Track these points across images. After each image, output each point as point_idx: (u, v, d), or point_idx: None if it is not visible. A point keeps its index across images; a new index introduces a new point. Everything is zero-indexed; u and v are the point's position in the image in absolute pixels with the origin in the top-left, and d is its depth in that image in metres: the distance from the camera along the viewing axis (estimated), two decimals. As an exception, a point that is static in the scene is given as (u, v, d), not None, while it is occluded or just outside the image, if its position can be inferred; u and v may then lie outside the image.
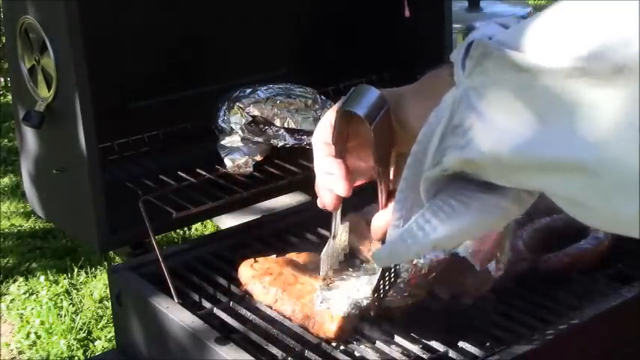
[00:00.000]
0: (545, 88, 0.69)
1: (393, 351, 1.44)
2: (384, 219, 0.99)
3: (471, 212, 0.81)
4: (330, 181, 1.00)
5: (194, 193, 1.78)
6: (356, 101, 0.95)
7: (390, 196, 0.99)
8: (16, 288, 3.47)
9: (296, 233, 1.85)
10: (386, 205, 1.00)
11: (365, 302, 1.41)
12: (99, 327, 3.19)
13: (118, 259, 2.99)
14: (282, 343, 1.46)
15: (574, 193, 0.71)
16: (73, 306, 3.31)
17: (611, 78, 0.65)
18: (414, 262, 1.42)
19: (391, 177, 1.00)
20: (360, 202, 1.90)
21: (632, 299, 1.55)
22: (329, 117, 1.01)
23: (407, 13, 2.29)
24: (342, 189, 1.00)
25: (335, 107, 1.00)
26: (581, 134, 0.68)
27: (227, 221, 2.38)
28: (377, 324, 1.50)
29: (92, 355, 3.02)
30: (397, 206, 0.88)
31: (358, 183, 1.04)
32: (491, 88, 0.74)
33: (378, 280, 1.10)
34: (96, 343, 3.11)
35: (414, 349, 1.44)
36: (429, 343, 1.46)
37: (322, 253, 1.18)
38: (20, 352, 3.11)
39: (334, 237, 1.13)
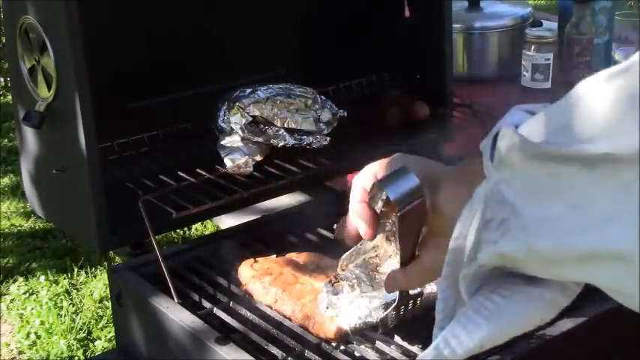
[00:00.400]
0: (572, 176, 0.69)
1: (393, 351, 1.44)
2: (399, 281, 1.01)
3: (516, 307, 0.79)
4: (358, 224, 1.03)
5: (194, 193, 1.78)
6: (393, 182, 0.96)
7: (412, 259, 0.99)
8: (16, 288, 3.47)
9: (296, 233, 1.85)
10: (404, 265, 1.00)
11: (374, 320, 1.40)
12: (99, 327, 3.19)
13: (118, 259, 2.99)
14: (282, 343, 1.46)
15: (613, 282, 0.71)
16: (73, 306, 3.31)
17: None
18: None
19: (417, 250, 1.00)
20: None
21: (632, 299, 1.54)
22: (374, 167, 1.03)
23: (407, 13, 2.29)
24: (366, 234, 1.03)
25: (380, 167, 1.02)
26: (615, 222, 0.67)
27: (227, 221, 2.38)
28: (377, 324, 1.50)
29: (92, 355, 3.02)
30: (440, 306, 0.87)
31: None
32: (520, 179, 0.74)
33: (398, 305, 1.11)
34: (96, 343, 3.11)
35: (414, 349, 1.44)
36: (429, 343, 1.45)
37: (342, 256, 1.17)
38: (20, 352, 3.11)
39: (360, 248, 1.12)
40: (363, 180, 1.03)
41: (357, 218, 1.02)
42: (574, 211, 0.69)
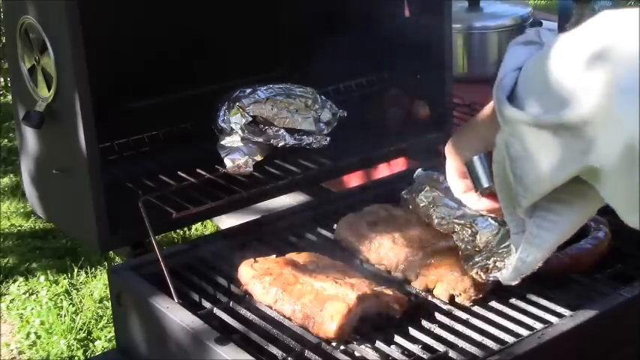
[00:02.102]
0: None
1: (393, 351, 1.44)
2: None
3: (574, 211, 0.98)
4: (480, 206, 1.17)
5: (194, 193, 1.78)
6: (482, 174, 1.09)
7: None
8: (16, 288, 3.47)
9: (296, 233, 1.85)
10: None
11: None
12: (99, 327, 3.19)
13: (118, 259, 2.99)
14: (282, 343, 1.46)
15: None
16: (73, 306, 3.31)
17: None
18: None
19: None
20: (360, 202, 1.91)
21: (632, 299, 1.55)
22: (456, 163, 1.15)
23: (407, 13, 2.29)
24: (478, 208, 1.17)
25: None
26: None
27: (227, 221, 2.38)
28: (377, 324, 1.50)
29: (92, 355, 3.02)
30: (509, 218, 1.06)
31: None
32: (519, 136, 0.92)
33: None
34: (96, 343, 3.11)
35: (414, 349, 1.44)
36: (429, 343, 1.46)
37: None
38: (20, 352, 3.12)
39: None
40: (455, 168, 1.16)
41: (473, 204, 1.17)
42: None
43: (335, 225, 1.81)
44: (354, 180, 2.54)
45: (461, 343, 1.44)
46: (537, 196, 0.95)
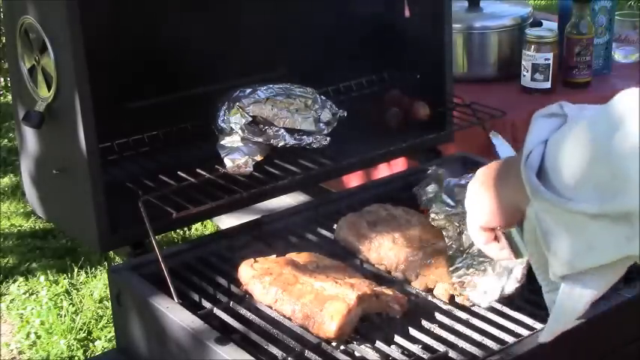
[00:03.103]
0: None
1: (393, 351, 1.44)
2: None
3: (606, 275, 0.99)
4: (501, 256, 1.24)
5: (194, 193, 1.78)
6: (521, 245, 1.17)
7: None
8: (16, 288, 3.47)
9: (296, 233, 1.85)
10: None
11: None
12: (99, 327, 3.19)
13: (118, 259, 2.99)
14: (282, 343, 1.46)
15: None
16: (73, 306, 3.31)
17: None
18: None
19: None
20: (360, 202, 1.91)
21: (632, 299, 1.55)
22: (478, 219, 1.19)
23: (407, 13, 2.29)
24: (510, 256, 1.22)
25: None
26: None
27: (227, 221, 2.38)
28: (377, 324, 1.50)
29: (92, 355, 3.02)
30: (540, 277, 1.10)
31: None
32: (552, 214, 0.95)
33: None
34: (96, 343, 3.11)
35: (414, 349, 1.44)
36: (429, 343, 1.46)
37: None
38: (20, 352, 3.11)
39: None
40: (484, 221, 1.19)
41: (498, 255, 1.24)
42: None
43: (335, 225, 1.81)
44: (354, 180, 2.54)
45: (461, 343, 1.44)
46: (574, 270, 0.96)
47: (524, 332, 1.47)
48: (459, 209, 1.63)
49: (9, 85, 2.92)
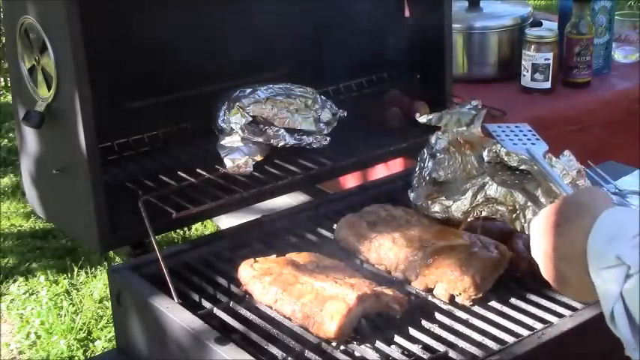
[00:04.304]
0: None
1: (393, 351, 1.44)
2: None
3: None
4: None
5: (194, 193, 1.78)
6: None
7: None
8: (16, 288, 3.47)
9: (296, 233, 1.85)
10: None
11: None
12: (99, 327, 3.19)
13: (118, 259, 2.99)
14: (282, 343, 1.46)
15: None
16: (73, 306, 3.31)
17: None
18: None
19: None
20: (359, 202, 1.91)
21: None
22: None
23: (407, 13, 2.29)
24: None
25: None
26: None
27: (227, 221, 2.38)
28: (377, 324, 1.50)
29: (92, 355, 3.02)
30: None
31: None
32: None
33: None
34: (96, 343, 3.11)
35: (414, 349, 1.44)
36: (429, 343, 1.46)
37: None
38: (20, 352, 3.11)
39: None
40: None
41: None
42: None
43: (335, 225, 1.81)
44: (352, 180, 2.54)
45: (461, 343, 1.44)
46: None
47: (524, 332, 1.47)
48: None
49: (9, 85, 2.92)
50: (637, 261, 0.93)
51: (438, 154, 1.80)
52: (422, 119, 1.89)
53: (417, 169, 1.85)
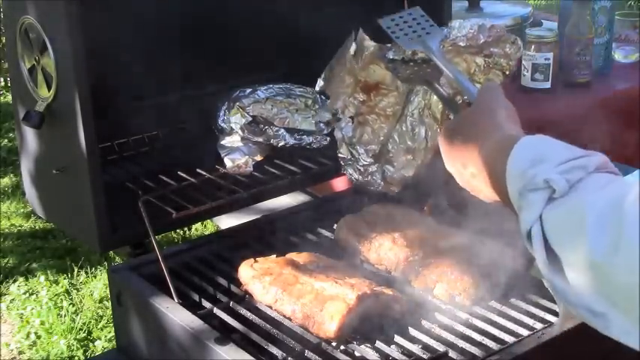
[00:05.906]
0: None
1: (393, 351, 1.44)
2: None
3: None
4: None
5: (194, 193, 1.78)
6: None
7: None
8: (16, 288, 3.47)
9: (296, 233, 1.85)
10: None
11: None
12: (99, 327, 3.19)
13: (118, 259, 2.99)
14: (282, 343, 1.46)
15: None
16: (73, 306, 3.31)
17: None
18: None
19: None
20: (359, 202, 1.91)
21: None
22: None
23: (407, 13, 2.28)
24: None
25: None
26: None
27: (227, 221, 2.38)
28: (377, 324, 1.50)
29: (92, 355, 3.02)
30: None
31: None
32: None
33: None
34: (96, 343, 3.11)
35: (414, 349, 1.44)
36: (428, 343, 1.46)
37: None
38: (20, 352, 3.11)
39: None
40: None
41: None
42: None
43: (335, 225, 1.81)
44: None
45: (461, 343, 1.44)
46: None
47: (524, 332, 1.47)
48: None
49: (9, 85, 2.92)
50: (564, 186, 0.97)
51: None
52: None
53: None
